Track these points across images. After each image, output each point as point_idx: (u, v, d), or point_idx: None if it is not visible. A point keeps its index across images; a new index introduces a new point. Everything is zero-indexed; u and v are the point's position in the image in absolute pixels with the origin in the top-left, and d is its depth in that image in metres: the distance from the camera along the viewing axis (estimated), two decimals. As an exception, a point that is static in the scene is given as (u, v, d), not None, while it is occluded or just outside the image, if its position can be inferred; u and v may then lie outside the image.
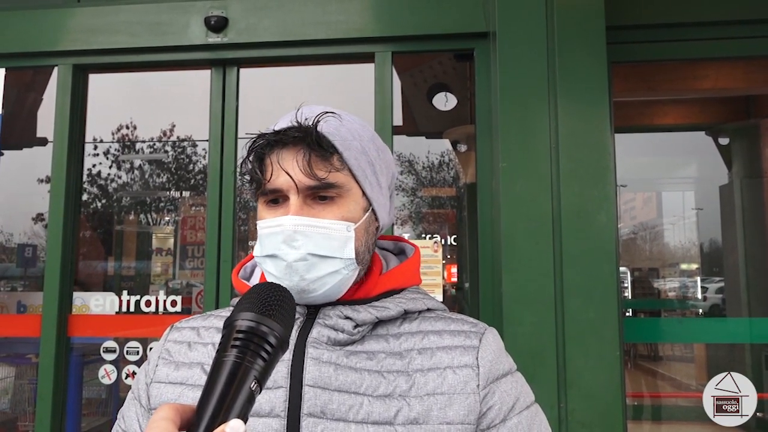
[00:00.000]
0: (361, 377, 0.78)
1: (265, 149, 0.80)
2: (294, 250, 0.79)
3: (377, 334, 0.83)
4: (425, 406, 0.76)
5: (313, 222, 0.79)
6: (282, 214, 0.80)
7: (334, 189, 0.80)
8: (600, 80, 2.16)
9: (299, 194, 0.79)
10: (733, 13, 2.42)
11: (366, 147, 0.83)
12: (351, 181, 0.82)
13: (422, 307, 0.87)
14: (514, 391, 0.82)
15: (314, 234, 0.79)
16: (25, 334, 2.86)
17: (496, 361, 0.82)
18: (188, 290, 4.26)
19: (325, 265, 0.79)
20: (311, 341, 0.81)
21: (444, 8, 2.52)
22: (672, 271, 8.12)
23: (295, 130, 0.79)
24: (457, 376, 0.79)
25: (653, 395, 5.16)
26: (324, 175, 0.79)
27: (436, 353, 0.81)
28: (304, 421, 0.76)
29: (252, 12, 2.63)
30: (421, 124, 3.83)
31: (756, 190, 4.42)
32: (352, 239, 0.81)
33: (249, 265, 0.96)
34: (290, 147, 0.79)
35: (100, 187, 5.28)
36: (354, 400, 0.77)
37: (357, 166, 0.82)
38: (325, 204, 0.81)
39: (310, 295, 0.81)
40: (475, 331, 0.84)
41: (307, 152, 0.78)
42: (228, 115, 2.69)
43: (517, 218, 2.13)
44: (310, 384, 0.78)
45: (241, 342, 0.64)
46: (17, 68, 2.93)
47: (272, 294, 0.70)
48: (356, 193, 0.83)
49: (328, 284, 0.80)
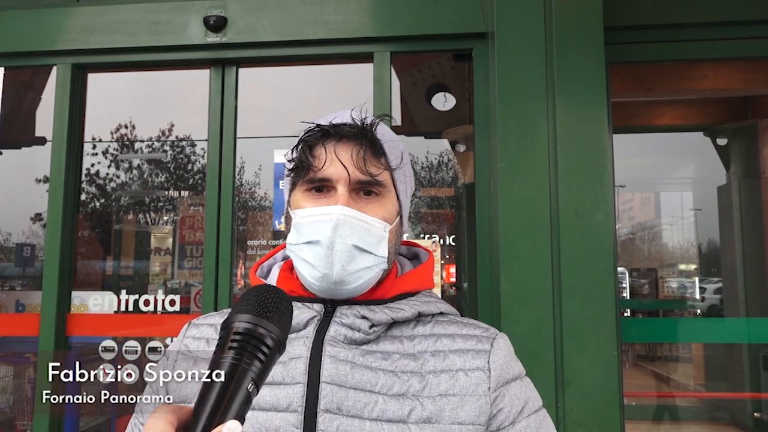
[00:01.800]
0: (376, 376, 0.80)
1: (321, 139, 0.84)
2: (341, 240, 0.81)
3: (392, 335, 0.85)
4: (438, 406, 0.78)
5: (360, 216, 0.83)
6: (326, 204, 0.83)
7: (379, 187, 0.85)
8: (598, 80, 2.16)
9: (348, 187, 0.83)
10: (731, 14, 2.42)
11: (405, 155, 0.89)
12: (391, 183, 0.87)
13: (435, 310, 0.89)
14: (523, 395, 0.85)
15: (359, 227, 0.83)
16: (24, 333, 2.86)
17: (507, 365, 0.85)
18: (187, 290, 4.26)
19: (363, 259, 0.83)
20: (329, 339, 0.83)
21: (443, 8, 2.53)
22: (670, 271, 8.13)
23: (352, 127, 0.83)
24: (468, 378, 0.81)
25: (651, 395, 5.16)
26: (376, 172, 0.83)
27: (449, 356, 0.83)
28: (321, 417, 0.78)
29: (251, 12, 2.63)
30: (420, 124, 3.83)
31: (754, 191, 4.43)
32: (386, 239, 0.85)
33: (266, 264, 0.98)
34: (346, 141, 0.83)
35: (98, 187, 5.28)
36: (369, 398, 0.79)
37: (398, 170, 0.87)
38: (369, 200, 0.85)
39: (345, 287, 0.83)
40: (487, 336, 0.87)
41: (363, 149, 0.83)
42: (227, 114, 2.69)
43: (515, 218, 2.14)
44: (327, 381, 0.79)
45: (239, 344, 0.64)
46: (16, 67, 2.93)
47: (269, 296, 0.70)
48: (393, 196, 0.88)
49: (362, 278, 0.84)
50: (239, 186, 4.27)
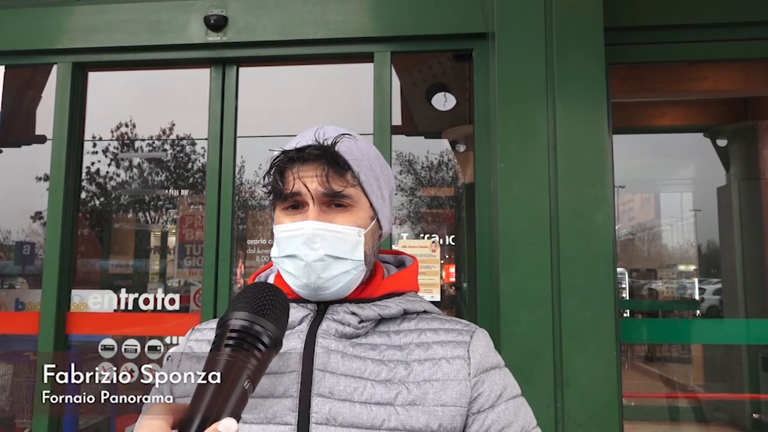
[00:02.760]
0: (365, 364, 0.87)
1: (287, 164, 0.90)
2: (313, 251, 0.88)
3: (379, 331, 0.92)
4: (422, 390, 0.85)
5: (329, 227, 0.89)
6: (301, 219, 0.90)
7: (347, 198, 0.90)
8: (598, 81, 2.16)
9: (316, 202, 0.89)
10: (731, 16, 2.42)
11: (373, 164, 0.94)
12: (361, 193, 0.92)
13: (420, 308, 0.96)
14: (501, 381, 0.91)
15: (330, 237, 0.89)
16: (23, 331, 2.86)
17: (486, 355, 0.92)
18: (186, 289, 4.26)
19: (338, 265, 0.89)
20: (321, 333, 0.90)
21: (443, 9, 2.53)
22: (670, 272, 8.13)
23: (315, 148, 0.89)
24: (450, 365, 0.88)
25: (649, 396, 5.16)
26: (339, 188, 0.89)
27: (432, 346, 0.90)
28: (314, 400, 0.84)
29: (251, 11, 2.64)
30: (420, 123, 3.84)
31: (753, 192, 4.43)
32: (361, 243, 0.91)
33: (263, 275, 1.04)
34: (310, 163, 0.89)
35: (98, 185, 5.27)
36: (358, 384, 0.85)
37: (366, 181, 0.92)
38: (339, 211, 0.91)
39: (324, 292, 0.91)
40: (467, 330, 0.94)
41: (326, 168, 0.88)
42: (227, 113, 2.69)
43: (514, 218, 2.14)
44: (320, 368, 0.86)
45: (235, 341, 0.64)
46: (17, 66, 2.93)
47: (266, 294, 0.71)
48: (365, 204, 0.93)
49: (340, 282, 0.90)
50: (239, 185, 4.27)
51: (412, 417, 0.83)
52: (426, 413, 0.84)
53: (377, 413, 0.83)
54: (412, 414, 0.83)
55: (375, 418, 0.83)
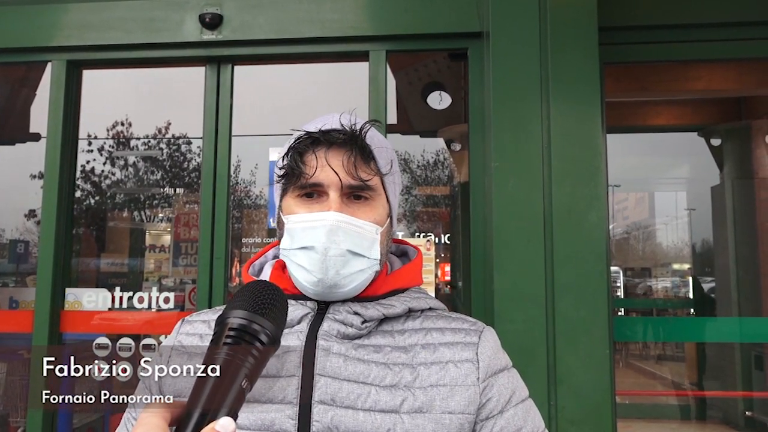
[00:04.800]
0: (368, 368, 0.82)
1: (311, 146, 0.85)
2: (335, 245, 0.83)
3: (383, 330, 0.87)
4: (429, 396, 0.81)
5: (352, 221, 0.84)
6: (319, 209, 0.85)
7: (370, 191, 0.86)
8: (592, 80, 2.17)
9: (338, 192, 0.84)
10: (726, 15, 2.43)
11: (393, 158, 0.90)
12: (380, 186, 0.88)
13: (425, 306, 0.92)
14: (510, 385, 0.88)
15: (352, 232, 0.84)
16: (17, 329, 2.85)
17: (494, 356, 0.88)
18: (181, 287, 4.25)
19: (357, 262, 0.85)
20: (322, 334, 0.85)
21: (438, 8, 2.53)
22: (664, 270, 8.15)
23: (343, 133, 0.84)
24: (458, 369, 0.84)
25: (643, 393, 5.19)
26: (367, 177, 0.85)
27: (439, 348, 0.85)
28: (315, 408, 0.79)
29: (246, 9, 2.63)
30: (416, 122, 3.84)
31: (747, 191, 4.45)
32: (377, 242, 0.87)
33: (257, 263, 0.99)
34: (336, 147, 0.84)
35: (93, 184, 5.25)
36: (362, 389, 0.80)
37: (388, 173, 0.89)
38: (360, 204, 0.86)
39: (339, 290, 0.85)
40: (475, 329, 0.90)
41: (353, 155, 0.84)
42: (222, 112, 2.68)
43: (509, 217, 2.14)
44: (321, 373, 0.81)
45: (233, 339, 0.64)
46: (11, 63, 2.92)
47: (265, 292, 0.70)
48: (383, 199, 0.89)
49: (356, 281, 0.85)
50: (234, 184, 4.26)
51: (418, 426, 0.78)
52: (433, 421, 0.79)
53: (382, 421, 0.78)
54: (418, 422, 0.79)
55: (379, 426, 0.78)
